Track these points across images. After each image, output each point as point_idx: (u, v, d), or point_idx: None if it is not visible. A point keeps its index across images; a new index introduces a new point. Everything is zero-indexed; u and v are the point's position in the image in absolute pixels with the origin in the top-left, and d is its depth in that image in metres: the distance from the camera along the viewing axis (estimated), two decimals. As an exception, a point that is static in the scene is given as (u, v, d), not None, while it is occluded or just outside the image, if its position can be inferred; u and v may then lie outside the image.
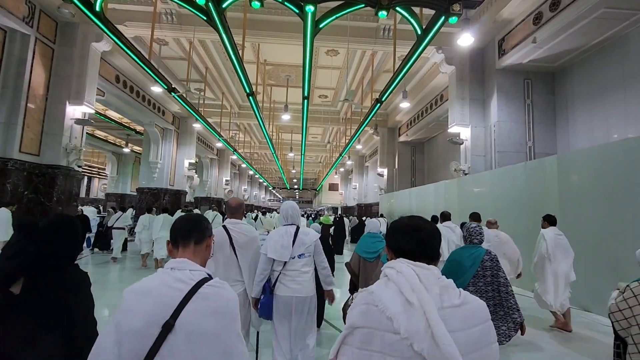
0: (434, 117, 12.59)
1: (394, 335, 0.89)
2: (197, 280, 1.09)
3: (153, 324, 1.00)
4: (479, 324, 0.93)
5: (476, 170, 8.80)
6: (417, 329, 0.86)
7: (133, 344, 1.00)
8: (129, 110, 13.02)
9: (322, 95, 15.73)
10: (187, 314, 1.02)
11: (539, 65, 8.33)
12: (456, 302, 0.93)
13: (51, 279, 1.35)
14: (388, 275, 1.00)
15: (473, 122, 9.05)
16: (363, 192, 25.27)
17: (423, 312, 0.88)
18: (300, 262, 2.67)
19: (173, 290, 1.06)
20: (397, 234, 1.08)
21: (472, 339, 0.90)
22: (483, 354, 0.92)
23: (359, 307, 0.97)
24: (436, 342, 0.84)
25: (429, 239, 1.05)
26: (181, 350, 1.00)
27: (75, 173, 8.65)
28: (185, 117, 16.33)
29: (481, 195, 7.97)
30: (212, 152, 22.73)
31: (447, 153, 14.29)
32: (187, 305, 1.03)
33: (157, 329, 1.00)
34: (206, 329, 1.03)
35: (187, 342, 1.00)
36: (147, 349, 0.99)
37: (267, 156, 31.45)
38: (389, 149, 17.47)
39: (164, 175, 15.56)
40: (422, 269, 0.98)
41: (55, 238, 1.45)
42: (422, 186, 12.17)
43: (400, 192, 14.63)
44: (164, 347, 0.99)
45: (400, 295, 0.93)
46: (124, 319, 1.02)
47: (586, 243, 4.99)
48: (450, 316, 0.90)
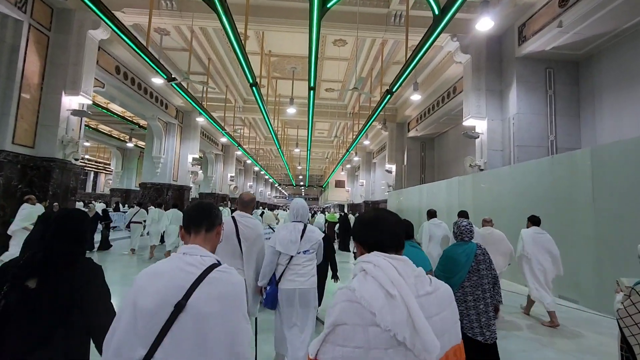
0: (446, 111, 12.04)
1: (377, 328, 0.92)
2: (207, 265, 1.16)
3: (166, 304, 1.07)
4: (447, 307, 1.01)
5: (493, 166, 8.27)
6: (400, 320, 0.91)
7: (147, 321, 1.05)
8: (130, 104, 12.69)
9: (329, 89, 15.24)
10: (198, 295, 1.09)
11: (562, 53, 7.75)
12: (429, 290, 0.99)
13: (64, 273, 1.37)
14: (366, 269, 1.02)
15: (490, 115, 8.50)
16: (370, 189, 24.79)
17: (404, 303, 0.91)
18: (304, 258, 2.83)
19: (185, 273, 1.12)
20: (363, 228, 1.12)
21: (444, 322, 0.98)
22: (453, 333, 1.00)
23: (340, 304, 0.98)
24: (417, 331, 0.89)
25: (394, 230, 1.09)
26: (191, 329, 1.06)
27: (72, 167, 8.32)
28: (189, 111, 15.99)
29: (499, 192, 7.44)
30: (217, 147, 22.40)
31: (459, 149, 13.73)
32: (198, 288, 1.10)
33: (169, 308, 1.06)
34: (214, 310, 1.09)
35: (197, 322, 1.07)
36: (160, 326, 1.05)
37: (273, 152, 31.08)
38: (397, 145, 16.94)
39: (167, 170, 15.25)
40: (398, 261, 1.01)
41: (62, 232, 1.45)
42: (433, 183, 11.65)
43: (410, 189, 14.12)
44: (175, 325, 1.06)
45: (381, 289, 0.95)
46: (139, 298, 1.08)
47: (625, 241, 4.47)
48: (426, 303, 0.96)
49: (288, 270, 2.80)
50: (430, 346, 0.89)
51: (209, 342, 1.07)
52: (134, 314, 1.07)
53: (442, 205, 10.14)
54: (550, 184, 5.98)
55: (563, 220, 5.65)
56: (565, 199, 5.60)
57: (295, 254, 2.81)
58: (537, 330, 4.36)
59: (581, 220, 5.28)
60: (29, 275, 1.34)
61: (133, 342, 1.05)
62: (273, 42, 11.17)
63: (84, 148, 27.46)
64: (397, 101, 15.95)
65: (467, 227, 2.89)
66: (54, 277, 1.36)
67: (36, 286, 1.33)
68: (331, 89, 15.22)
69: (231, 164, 24.53)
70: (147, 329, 1.05)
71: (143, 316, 1.06)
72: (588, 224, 5.14)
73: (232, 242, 2.76)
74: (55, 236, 1.44)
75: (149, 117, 14.12)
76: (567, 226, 5.57)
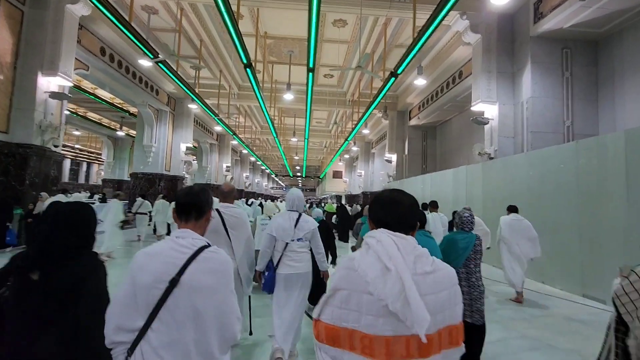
0: (451, 97, 11.47)
1: (370, 296, 0.98)
2: (198, 247, 1.28)
3: (161, 280, 1.19)
4: (446, 289, 1.03)
5: (504, 154, 7.75)
6: (392, 291, 0.95)
7: (145, 295, 1.18)
8: (118, 88, 12.00)
9: (327, 75, 14.59)
10: (190, 272, 1.21)
11: (581, 32, 7.19)
12: (428, 270, 1.02)
13: (66, 266, 1.35)
14: (369, 244, 1.07)
15: (501, 99, 7.95)
16: (369, 180, 24.30)
17: (399, 277, 0.96)
18: (299, 245, 3.02)
19: (178, 253, 1.25)
20: (378, 207, 1.15)
21: (440, 301, 1.00)
22: (448, 314, 1.02)
23: (341, 271, 1.07)
24: (409, 304, 0.93)
25: (408, 212, 1.12)
26: (184, 301, 1.19)
27: (52, 154, 7.72)
28: (181, 98, 15.30)
29: (513, 181, 6.93)
30: (211, 137, 21.74)
31: (463, 137, 13.21)
32: (190, 265, 1.22)
33: (164, 284, 1.19)
34: (205, 284, 1.23)
35: (189, 295, 1.20)
36: (157, 300, 1.17)
37: (270, 142, 30.42)
38: (398, 134, 16.39)
39: (159, 159, 14.63)
40: (401, 239, 1.05)
41: (60, 225, 1.40)
42: (438, 172, 11.13)
43: (412, 179, 13.62)
44: (170, 299, 1.18)
45: (379, 261, 1.01)
46: (138, 275, 1.20)
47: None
48: (422, 281, 0.99)
49: (285, 256, 2.99)
50: (420, 319, 0.92)
51: (200, 313, 1.20)
52: (133, 289, 1.19)
53: (448, 196, 9.66)
54: (574, 172, 5.46)
55: (588, 211, 5.17)
56: (593, 188, 5.10)
57: (290, 241, 2.99)
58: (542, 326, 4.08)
59: (611, 212, 4.79)
60: (31, 267, 1.32)
61: (132, 314, 1.19)
62: (269, 23, 10.50)
63: (74, 137, 26.71)
64: (398, 88, 15.33)
65: (469, 217, 3.01)
66: (55, 270, 1.33)
67: (37, 278, 1.31)
68: (330, 75, 14.57)
69: (227, 154, 23.89)
70: (145, 302, 1.18)
71: (141, 291, 1.19)
72: (619, 215, 4.65)
73: (221, 233, 2.84)
74: (53, 228, 1.39)
75: (138, 103, 13.44)
76: (593, 218, 5.09)
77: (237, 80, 15.49)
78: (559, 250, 5.64)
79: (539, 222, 5.70)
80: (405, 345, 0.96)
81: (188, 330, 1.18)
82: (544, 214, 5.92)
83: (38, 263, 1.33)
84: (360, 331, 0.98)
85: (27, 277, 1.31)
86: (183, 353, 1.17)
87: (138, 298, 1.18)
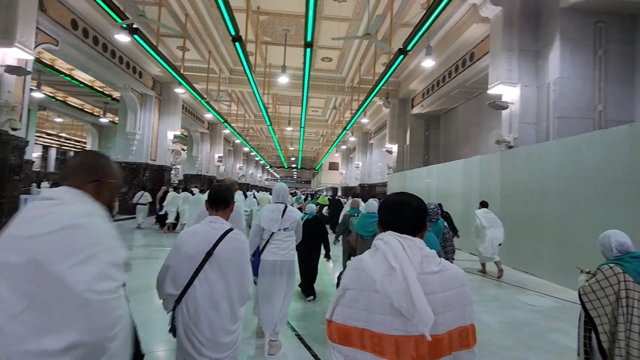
0: (459, 83, 10.57)
1: (378, 295, 1.01)
2: (226, 229, 1.79)
3: (200, 252, 1.69)
4: (454, 288, 1.05)
5: (525, 142, 6.90)
6: (397, 289, 0.98)
7: (187, 263, 1.68)
8: (95, 68, 10.88)
9: (325, 58, 13.58)
10: (221, 247, 1.73)
11: (617, 3, 6.30)
12: (435, 269, 1.05)
13: None
14: (376, 245, 1.11)
15: (523, 80, 7.07)
16: (366, 172, 23.47)
17: (404, 276, 0.99)
18: (284, 234, 3.22)
19: (213, 232, 1.76)
20: (385, 210, 1.18)
21: (447, 301, 1.02)
22: (457, 313, 1.03)
23: (350, 272, 1.11)
24: (413, 301, 0.96)
25: (414, 215, 1.14)
26: (216, 268, 1.71)
27: (10, 138, 6.70)
28: (168, 82, 14.21)
29: (540, 173, 6.08)
30: (202, 125, 20.66)
31: (470, 127, 12.35)
32: (221, 242, 1.73)
33: (202, 255, 1.69)
34: (231, 257, 1.75)
35: (220, 264, 1.71)
36: (196, 267, 1.68)
37: (264, 132, 29.36)
38: (399, 123, 15.50)
39: (143, 148, 13.59)
40: (407, 240, 1.08)
41: None
42: (447, 163, 10.25)
43: (416, 171, 12.76)
44: (206, 265, 1.70)
45: (385, 261, 1.04)
46: (182, 247, 1.70)
47: None
48: (430, 281, 1.02)
49: (270, 244, 3.17)
50: (424, 317, 0.94)
51: (227, 277, 1.74)
52: (181, 257, 1.70)
53: (457, 189, 8.83)
54: (620, 162, 4.61)
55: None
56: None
57: (277, 231, 3.16)
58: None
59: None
60: None
61: (181, 275, 1.70)
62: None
63: (58, 125, 25.32)
64: (401, 74, 14.38)
65: (434, 209, 3.45)
66: None
67: None
68: (328, 58, 13.56)
69: (219, 143, 22.83)
70: (188, 267, 1.69)
71: (185, 259, 1.70)
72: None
73: None
74: None
75: (120, 86, 12.35)
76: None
77: (228, 63, 14.41)
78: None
79: (583, 222, 4.87)
80: (414, 345, 0.98)
81: (218, 288, 1.72)
82: (588, 210, 5.06)
83: None
84: (370, 330, 1.01)
85: None
86: (215, 303, 1.71)
87: (183, 264, 1.70)
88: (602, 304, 1.91)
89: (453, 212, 8.43)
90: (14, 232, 0.97)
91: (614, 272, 1.92)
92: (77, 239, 0.95)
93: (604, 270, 1.96)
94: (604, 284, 1.92)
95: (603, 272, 1.95)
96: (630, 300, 1.87)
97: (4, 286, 0.89)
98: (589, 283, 1.99)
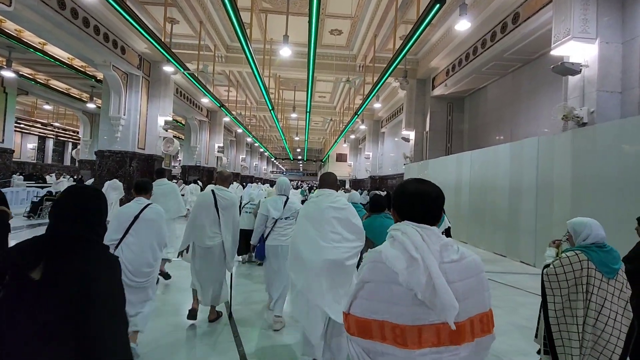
0: (496, 53, 8.82)
1: (399, 287, 1.01)
2: (146, 204, 3.00)
3: (131, 215, 2.93)
4: (474, 275, 1.07)
5: (606, 117, 5.19)
6: (420, 281, 0.98)
7: (124, 222, 2.87)
8: (67, 40, 9.30)
9: (335, 30, 11.83)
10: (143, 213, 2.94)
11: None
12: (455, 258, 1.06)
13: (73, 262, 1.13)
14: (394, 236, 1.10)
15: (603, 35, 5.34)
16: (377, 163, 21.83)
17: (425, 266, 0.99)
18: (285, 222, 3.69)
19: (139, 206, 2.97)
20: (404, 199, 1.17)
21: (467, 288, 1.04)
22: (477, 299, 1.06)
23: (368, 264, 1.10)
24: (436, 291, 0.96)
25: (434, 205, 1.13)
26: (141, 226, 2.88)
27: None
28: (157, 62, 12.62)
29: (634, 158, 4.38)
30: (200, 112, 19.12)
31: (503, 109, 10.58)
32: (144, 210, 2.94)
33: (132, 217, 2.92)
34: (149, 218, 2.93)
35: (143, 223, 2.89)
36: (130, 223, 2.87)
37: (268, 121, 27.75)
38: (417, 107, 13.75)
39: (129, 135, 12.07)
40: (425, 230, 1.08)
41: (67, 213, 1.22)
42: (486, 148, 8.46)
43: (440, 160, 11.08)
44: (135, 224, 2.86)
45: (405, 252, 1.03)
46: (120, 214, 2.97)
47: None
48: (450, 270, 1.03)
49: (273, 231, 3.65)
50: (448, 306, 0.95)
51: (148, 230, 2.89)
52: (120, 218, 2.86)
53: (501, 181, 7.14)
54: None
55: None
56: None
57: (279, 219, 3.67)
58: None
59: None
60: (32, 264, 1.08)
61: (121, 228, 2.83)
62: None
63: (48, 113, 23.94)
64: (420, 50, 12.60)
65: None
66: (60, 268, 1.10)
67: (39, 278, 1.07)
68: (337, 30, 11.81)
69: (219, 132, 21.27)
70: (125, 223, 2.83)
71: (123, 219, 2.84)
72: None
73: (212, 212, 3.52)
74: (58, 217, 1.20)
75: (99, 63, 10.79)
76: None
77: (224, 39, 12.76)
78: None
79: None
80: (436, 333, 0.99)
81: (142, 237, 2.85)
82: None
83: (40, 259, 1.10)
84: (391, 322, 1.01)
85: (26, 276, 1.08)
86: (140, 246, 2.82)
87: (122, 222, 2.83)
88: (560, 286, 2.01)
89: (499, 208, 6.84)
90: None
91: (579, 259, 2.00)
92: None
93: (570, 256, 2.04)
94: (567, 269, 2.00)
95: (569, 258, 2.03)
96: (591, 287, 1.96)
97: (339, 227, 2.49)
98: (553, 266, 2.07)
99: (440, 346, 0.97)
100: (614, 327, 1.92)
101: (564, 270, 1.99)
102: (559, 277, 2.00)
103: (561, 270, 2.00)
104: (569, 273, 1.97)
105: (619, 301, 1.97)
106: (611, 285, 1.96)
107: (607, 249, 2.03)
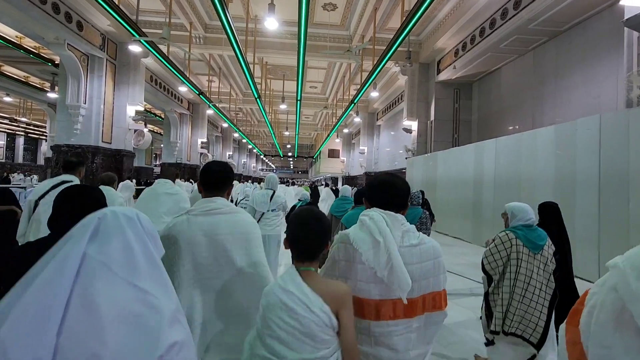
0: (520, 24, 7.47)
1: (362, 265, 1.18)
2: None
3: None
4: (431, 259, 1.23)
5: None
6: (380, 261, 1.14)
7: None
8: (6, 9, 7.60)
9: (328, 5, 10.34)
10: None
11: None
12: (414, 242, 1.21)
13: None
14: (362, 221, 1.24)
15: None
16: (373, 158, 20.46)
17: (386, 249, 1.14)
18: (272, 214, 4.11)
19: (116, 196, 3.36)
20: (372, 189, 1.34)
21: (424, 270, 1.20)
22: (433, 281, 1.22)
23: (337, 244, 1.26)
24: (393, 271, 1.12)
25: (398, 193, 1.28)
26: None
27: None
28: (123, 43, 10.93)
29: None
30: (180, 105, 17.42)
31: (520, 93, 9.26)
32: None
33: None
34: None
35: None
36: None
37: (256, 115, 26.14)
38: (420, 94, 12.38)
39: (92, 126, 10.39)
40: (390, 216, 1.22)
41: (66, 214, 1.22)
42: (515, 135, 7.01)
43: (451, 152, 9.71)
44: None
45: (370, 236, 1.18)
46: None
47: None
48: (408, 253, 1.19)
49: (260, 222, 3.97)
50: (403, 284, 1.11)
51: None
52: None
53: (542, 173, 5.76)
54: None
55: None
56: None
57: (266, 211, 4.06)
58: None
59: None
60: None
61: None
62: None
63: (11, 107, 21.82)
64: (423, 30, 11.22)
65: (416, 193, 3.88)
66: None
67: None
68: (331, 5, 10.33)
69: (202, 127, 19.59)
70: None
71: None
72: None
73: None
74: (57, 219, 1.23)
75: (51, 42, 9.09)
76: None
77: (203, 17, 11.15)
78: None
79: None
80: (392, 307, 1.16)
81: None
82: None
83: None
84: (355, 295, 1.16)
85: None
86: None
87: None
88: (497, 264, 2.26)
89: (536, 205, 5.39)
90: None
91: (509, 238, 2.25)
92: None
93: (501, 236, 2.30)
94: (500, 247, 2.26)
95: (500, 238, 2.29)
96: (519, 261, 2.20)
97: None
98: (488, 247, 2.35)
99: (396, 319, 1.17)
100: (539, 296, 2.16)
101: (497, 249, 2.26)
102: (494, 256, 2.27)
103: (495, 250, 2.27)
104: (502, 251, 2.24)
105: (544, 273, 2.21)
106: (537, 259, 2.20)
107: (533, 228, 2.27)
